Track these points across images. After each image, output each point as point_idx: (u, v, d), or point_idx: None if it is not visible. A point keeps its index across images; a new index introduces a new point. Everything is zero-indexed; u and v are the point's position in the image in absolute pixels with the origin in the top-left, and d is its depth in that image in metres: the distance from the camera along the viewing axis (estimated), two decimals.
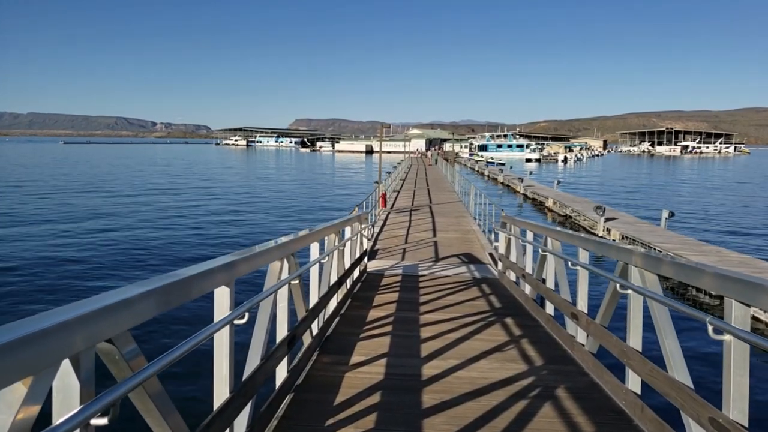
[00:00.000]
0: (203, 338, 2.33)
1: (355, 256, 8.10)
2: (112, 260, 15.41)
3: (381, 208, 19.46)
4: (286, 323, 4.02)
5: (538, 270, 6.80)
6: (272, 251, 3.61)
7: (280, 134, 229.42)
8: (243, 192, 38.00)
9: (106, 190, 36.87)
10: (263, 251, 3.42)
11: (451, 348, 5.33)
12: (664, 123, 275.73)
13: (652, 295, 3.47)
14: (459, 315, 6.66)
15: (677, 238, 16.30)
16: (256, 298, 3.19)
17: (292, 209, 29.06)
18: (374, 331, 5.94)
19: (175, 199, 32.16)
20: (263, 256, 3.43)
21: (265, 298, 3.44)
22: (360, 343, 5.47)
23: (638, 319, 3.88)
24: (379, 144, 25.14)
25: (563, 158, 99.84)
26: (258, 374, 3.25)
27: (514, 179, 41.30)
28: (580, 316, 4.90)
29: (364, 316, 6.60)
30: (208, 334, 2.41)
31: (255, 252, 3.24)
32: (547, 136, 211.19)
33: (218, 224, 22.83)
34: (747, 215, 27.89)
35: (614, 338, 4.10)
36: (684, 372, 3.17)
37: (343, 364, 4.81)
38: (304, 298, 4.61)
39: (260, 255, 3.34)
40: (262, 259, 3.43)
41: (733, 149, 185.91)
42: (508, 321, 6.43)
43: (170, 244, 18.29)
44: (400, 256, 11.36)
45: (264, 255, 3.45)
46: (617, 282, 4.04)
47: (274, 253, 3.66)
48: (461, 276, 9.40)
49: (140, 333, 8.33)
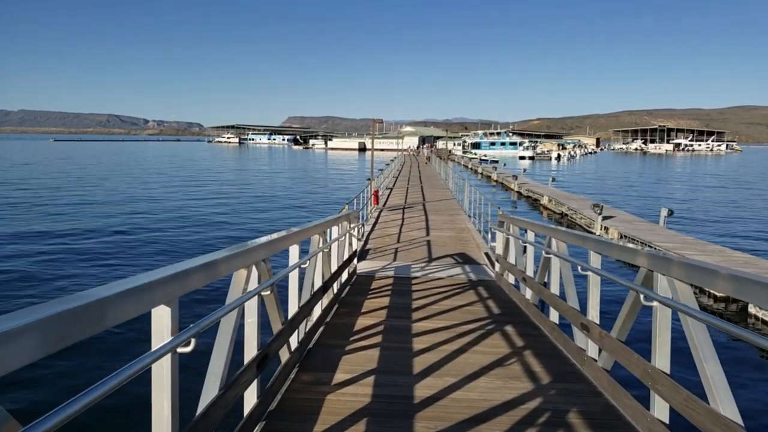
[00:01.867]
0: (128, 376, 1.76)
1: (343, 258, 7.54)
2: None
3: (373, 205, 18.89)
4: (255, 340, 3.45)
5: (540, 273, 6.26)
6: (234, 258, 3.03)
7: (272, 132, 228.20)
8: (229, 193, 37.29)
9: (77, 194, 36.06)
10: (222, 259, 2.84)
11: (446, 362, 4.78)
12: (656, 121, 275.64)
13: (686, 309, 2.93)
14: (455, 322, 6.11)
15: (678, 237, 15.82)
16: (211, 316, 2.62)
17: (281, 207, 28.43)
18: (362, 342, 5.37)
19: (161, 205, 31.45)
20: (223, 265, 2.85)
21: (227, 313, 2.87)
22: (346, 357, 4.90)
23: (666, 335, 3.33)
24: (372, 140, 24.55)
25: (557, 156, 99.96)
26: (214, 409, 2.68)
27: (508, 177, 40.84)
28: (592, 327, 4.36)
29: (352, 324, 6.03)
30: (135, 370, 1.83)
31: (208, 261, 2.65)
32: (540, 133, 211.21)
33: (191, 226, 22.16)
34: (745, 213, 27.53)
35: (635, 356, 3.56)
36: (730, 405, 2.62)
37: (326, 384, 4.24)
38: (281, 309, 4.04)
39: (217, 264, 2.76)
40: (223, 267, 2.85)
41: (725, 147, 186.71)
42: (508, 329, 5.89)
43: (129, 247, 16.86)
44: (392, 256, 10.80)
45: (224, 263, 2.86)
46: (640, 292, 3.49)
47: (238, 260, 3.08)
48: (456, 278, 8.85)
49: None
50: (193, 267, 2.43)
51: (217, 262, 2.77)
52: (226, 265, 2.91)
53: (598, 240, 4.55)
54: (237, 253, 3.05)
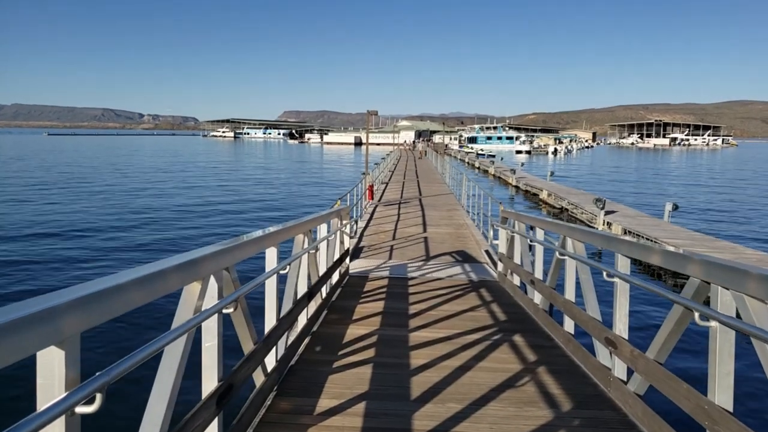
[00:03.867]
0: None
1: (333, 258, 6.87)
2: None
3: (368, 200, 18.21)
4: (216, 370, 2.77)
5: (552, 276, 5.59)
6: (181, 270, 2.34)
7: (268, 126, 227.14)
8: (224, 188, 36.54)
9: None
10: (164, 271, 2.16)
11: (449, 383, 4.11)
12: (652, 115, 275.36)
13: (763, 335, 2.28)
14: (457, 331, 5.45)
15: (685, 233, 15.20)
16: (142, 351, 1.93)
17: (268, 204, 27.71)
18: (353, 356, 4.70)
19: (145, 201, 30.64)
20: (163, 279, 2.17)
21: (173, 341, 2.19)
22: (333, 376, 4.23)
23: (729, 365, 2.67)
24: (367, 132, 23.81)
25: (553, 150, 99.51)
26: None
27: (505, 171, 40.20)
28: (621, 344, 3.70)
29: (342, 334, 5.36)
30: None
31: (138, 277, 1.97)
32: (537, 128, 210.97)
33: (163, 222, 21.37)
34: (746, 207, 26.97)
35: (684, 386, 2.90)
36: None
37: (307, 414, 3.56)
38: (252, 326, 3.37)
39: (154, 279, 2.08)
40: (165, 282, 2.18)
41: (721, 141, 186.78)
42: (517, 340, 5.23)
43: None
44: (387, 254, 10.13)
45: (165, 276, 2.18)
46: (694, 309, 2.82)
47: (186, 271, 2.40)
48: (456, 278, 8.20)
49: None
50: (106, 288, 1.76)
51: (155, 276, 2.09)
52: (170, 278, 2.24)
53: (632, 243, 3.84)
54: (185, 262, 2.37)
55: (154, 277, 2.10)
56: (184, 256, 2.48)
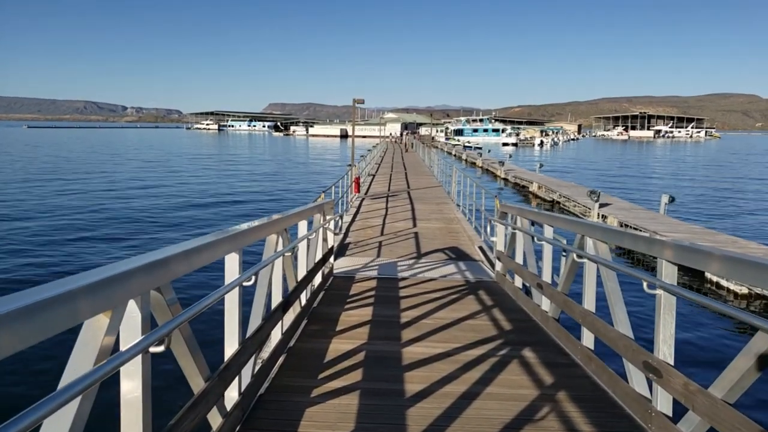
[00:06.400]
0: None
1: (315, 258, 6.11)
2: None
3: (354, 193, 17.42)
4: (141, 426, 1.99)
5: (565, 281, 4.87)
6: (84, 293, 1.58)
7: (253, 118, 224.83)
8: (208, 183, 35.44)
9: None
10: (52, 299, 1.39)
11: (453, 417, 3.37)
12: (635, 108, 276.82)
13: None
14: (457, 345, 4.71)
15: (684, 227, 14.63)
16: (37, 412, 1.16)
17: (253, 197, 26.79)
18: (336, 381, 3.93)
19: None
20: (52, 312, 1.40)
21: (59, 407, 1.41)
22: (311, 410, 3.46)
23: None
24: (353, 123, 22.98)
25: (540, 142, 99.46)
26: None
27: (494, 163, 39.58)
28: (668, 373, 2.97)
29: (323, 349, 4.60)
30: None
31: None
32: (522, 120, 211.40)
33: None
34: (740, 197, 26.62)
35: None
36: None
37: None
38: (200, 358, 2.59)
39: (53, 304, 1.33)
40: (53, 316, 1.41)
41: (704, 134, 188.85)
42: (527, 355, 4.50)
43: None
44: (375, 251, 9.38)
45: (61, 303, 1.42)
46: None
47: (85, 300, 1.62)
48: (451, 279, 7.47)
49: None
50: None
51: (49, 302, 1.33)
52: (60, 311, 1.46)
53: (682, 246, 3.03)
54: (88, 285, 1.59)
55: (35, 312, 1.31)
56: (91, 275, 1.70)
